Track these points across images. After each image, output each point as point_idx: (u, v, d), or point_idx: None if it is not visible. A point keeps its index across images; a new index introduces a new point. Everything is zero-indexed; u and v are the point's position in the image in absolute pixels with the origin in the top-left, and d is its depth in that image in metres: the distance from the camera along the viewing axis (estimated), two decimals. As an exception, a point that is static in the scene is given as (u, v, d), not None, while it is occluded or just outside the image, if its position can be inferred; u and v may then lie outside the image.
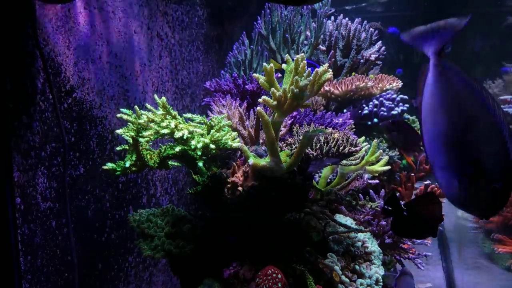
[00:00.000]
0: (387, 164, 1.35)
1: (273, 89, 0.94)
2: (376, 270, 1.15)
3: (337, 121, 1.44)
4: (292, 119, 1.40)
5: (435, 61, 0.69)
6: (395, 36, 4.06)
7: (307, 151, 1.06)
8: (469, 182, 0.64)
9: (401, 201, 0.93)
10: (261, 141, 1.26)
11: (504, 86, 3.39)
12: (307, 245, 1.14)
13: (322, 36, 1.99)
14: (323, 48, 2.02)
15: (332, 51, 1.98)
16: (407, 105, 1.94)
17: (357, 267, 1.14)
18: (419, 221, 0.90)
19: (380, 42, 2.03)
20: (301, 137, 1.07)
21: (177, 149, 1.09)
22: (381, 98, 1.92)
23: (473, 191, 0.65)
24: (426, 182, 1.85)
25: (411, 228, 0.93)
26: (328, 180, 1.39)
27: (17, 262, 0.93)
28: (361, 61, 1.99)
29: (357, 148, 1.07)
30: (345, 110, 1.91)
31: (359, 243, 1.20)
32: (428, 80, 0.70)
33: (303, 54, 1.12)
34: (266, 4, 1.99)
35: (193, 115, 1.18)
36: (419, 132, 1.99)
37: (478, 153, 0.64)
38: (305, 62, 0.94)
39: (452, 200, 0.67)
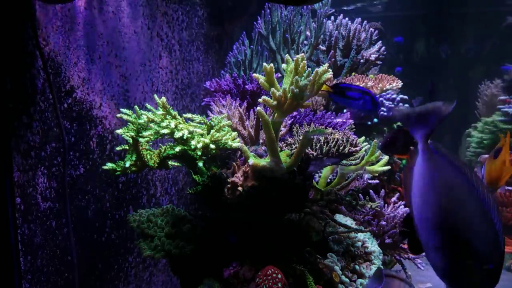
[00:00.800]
0: (387, 164, 1.35)
1: (273, 89, 0.94)
2: (376, 270, 1.15)
3: (337, 121, 1.44)
4: (292, 119, 1.40)
5: (423, 146, 0.71)
6: (395, 36, 4.07)
7: (307, 151, 1.06)
8: (461, 265, 0.66)
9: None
10: (261, 141, 1.26)
11: (503, 86, 3.38)
12: (307, 245, 1.14)
13: (322, 36, 1.99)
14: (323, 48, 2.02)
15: (332, 51, 1.98)
16: (407, 105, 1.94)
17: (357, 267, 1.14)
18: None
19: (380, 42, 2.03)
20: (301, 137, 1.07)
21: (177, 149, 1.09)
22: (381, 98, 1.92)
23: (465, 273, 0.66)
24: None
25: None
26: (328, 180, 1.39)
27: (17, 262, 0.93)
28: (361, 61, 1.99)
29: (357, 148, 1.07)
30: (345, 110, 1.91)
31: (359, 243, 1.20)
32: (417, 163, 0.72)
33: (303, 54, 1.12)
34: (266, 4, 1.99)
35: (193, 115, 1.18)
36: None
37: (468, 237, 0.65)
38: (305, 62, 0.94)
39: (445, 281, 0.68)
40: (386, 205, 1.43)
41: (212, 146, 1.06)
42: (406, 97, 1.99)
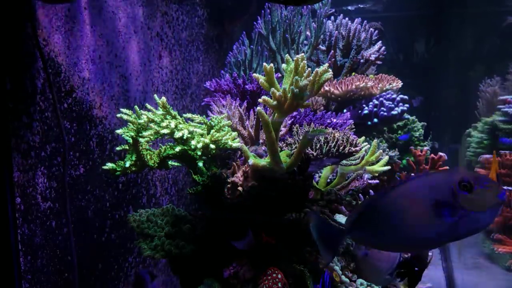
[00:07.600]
0: (387, 164, 1.35)
1: (273, 89, 0.94)
2: (376, 270, 1.15)
3: (337, 121, 1.44)
4: (292, 119, 1.40)
5: None
6: (395, 36, 4.06)
7: (307, 151, 1.06)
8: None
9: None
10: (261, 141, 1.26)
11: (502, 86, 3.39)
12: (307, 245, 1.14)
13: (322, 36, 1.99)
14: (323, 48, 2.02)
15: (332, 51, 1.98)
16: (407, 105, 1.94)
17: (357, 267, 1.14)
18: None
19: (380, 42, 2.02)
20: (301, 137, 1.07)
21: (177, 149, 1.09)
22: (381, 98, 1.92)
23: None
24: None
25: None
26: (328, 180, 1.39)
27: (17, 262, 0.93)
28: (361, 61, 1.99)
29: (357, 148, 1.07)
30: (345, 110, 1.91)
31: (359, 243, 1.20)
32: None
33: (303, 54, 1.12)
34: (266, 4, 1.99)
35: (193, 115, 1.18)
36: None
37: None
38: (305, 62, 0.94)
39: None
40: (386, 205, 1.43)
41: (212, 146, 1.06)
42: (406, 97, 1.99)
